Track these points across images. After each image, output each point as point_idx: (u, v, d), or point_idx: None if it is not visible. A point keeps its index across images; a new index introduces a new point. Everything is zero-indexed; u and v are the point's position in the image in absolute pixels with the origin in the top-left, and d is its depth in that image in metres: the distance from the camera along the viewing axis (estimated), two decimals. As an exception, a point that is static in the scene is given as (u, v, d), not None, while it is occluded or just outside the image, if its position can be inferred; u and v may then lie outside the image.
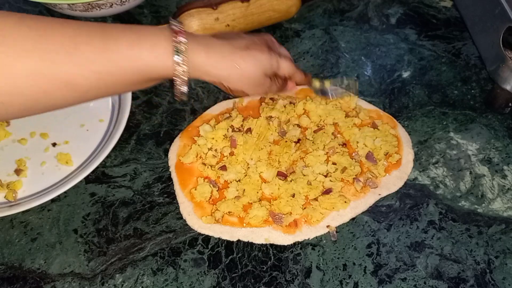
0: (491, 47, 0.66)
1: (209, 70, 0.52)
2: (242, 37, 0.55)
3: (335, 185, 0.58)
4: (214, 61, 0.51)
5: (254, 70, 0.54)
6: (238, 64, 0.53)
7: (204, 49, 0.51)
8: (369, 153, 0.61)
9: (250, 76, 0.54)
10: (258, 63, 0.54)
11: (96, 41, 0.45)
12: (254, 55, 0.54)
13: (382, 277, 0.53)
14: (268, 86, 0.57)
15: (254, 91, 0.57)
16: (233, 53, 0.52)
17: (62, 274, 0.53)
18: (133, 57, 0.46)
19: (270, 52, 0.55)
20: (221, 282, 0.53)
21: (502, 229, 0.56)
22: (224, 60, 0.52)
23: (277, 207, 0.56)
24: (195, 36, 0.51)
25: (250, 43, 0.54)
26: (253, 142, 0.61)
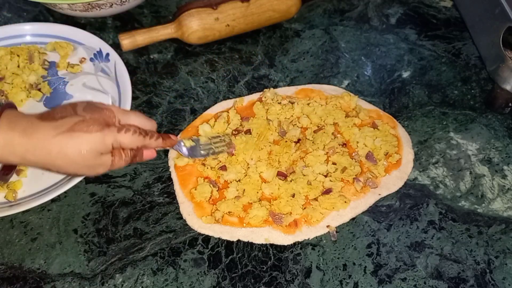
0: (491, 47, 0.66)
1: (27, 157, 0.47)
2: (72, 114, 0.49)
3: (335, 185, 0.58)
4: (32, 147, 0.47)
5: (79, 153, 0.48)
6: (61, 149, 0.47)
7: (23, 135, 0.47)
8: (369, 153, 0.61)
9: (76, 160, 0.48)
10: (85, 145, 0.48)
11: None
12: (79, 137, 0.48)
13: (382, 277, 0.53)
14: (109, 164, 0.51)
15: (91, 172, 0.51)
16: (55, 137, 0.47)
17: (62, 274, 0.53)
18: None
19: (103, 129, 0.49)
20: (221, 282, 0.53)
21: (502, 229, 0.56)
22: (45, 147, 0.47)
23: (277, 207, 0.56)
24: (16, 119, 0.48)
25: (77, 123, 0.48)
26: (253, 142, 0.61)
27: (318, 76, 0.71)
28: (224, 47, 0.75)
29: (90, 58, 0.71)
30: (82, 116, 0.49)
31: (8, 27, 0.73)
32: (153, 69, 0.73)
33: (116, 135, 0.49)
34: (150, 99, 0.69)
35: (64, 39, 0.72)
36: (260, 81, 0.71)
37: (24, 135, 0.47)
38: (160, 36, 0.73)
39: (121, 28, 0.78)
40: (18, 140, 0.47)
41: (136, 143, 0.51)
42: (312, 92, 0.68)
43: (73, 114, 0.49)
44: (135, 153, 0.53)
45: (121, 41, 0.71)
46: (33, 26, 0.73)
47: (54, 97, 0.69)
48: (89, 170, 0.50)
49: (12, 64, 0.69)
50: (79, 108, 0.50)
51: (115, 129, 0.50)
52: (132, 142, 0.51)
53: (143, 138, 0.52)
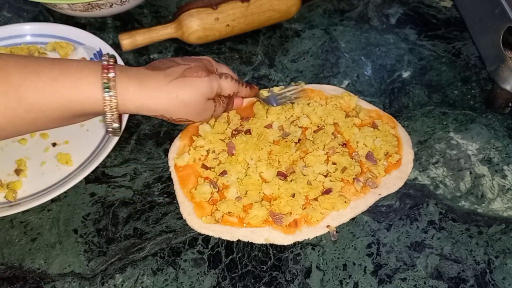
0: (491, 47, 0.66)
1: (144, 104, 0.50)
2: (177, 64, 0.53)
3: (335, 185, 0.58)
4: (148, 95, 0.49)
5: (194, 97, 0.51)
6: (177, 93, 0.50)
7: (136, 83, 0.49)
8: (369, 153, 0.61)
9: (191, 104, 0.52)
10: (197, 90, 0.51)
11: (14, 77, 0.43)
12: (191, 82, 0.51)
13: (382, 277, 0.53)
14: (213, 110, 0.55)
15: (199, 117, 0.55)
16: (169, 83, 0.50)
17: (62, 274, 0.53)
18: (54, 93, 0.45)
19: (209, 75, 0.53)
20: (221, 282, 0.53)
21: (502, 229, 0.56)
22: (160, 92, 0.50)
23: (277, 207, 0.56)
24: (126, 70, 0.49)
25: (186, 70, 0.52)
26: (253, 142, 0.61)
27: (318, 76, 0.71)
28: (224, 47, 0.75)
29: (90, 58, 0.71)
30: (187, 64, 0.53)
31: (8, 27, 0.73)
32: (153, 69, 0.73)
33: (218, 81, 0.54)
34: (150, 99, 0.69)
35: (64, 39, 0.72)
36: (260, 81, 0.71)
37: (139, 83, 0.49)
38: (160, 36, 0.73)
39: (121, 28, 0.78)
40: (134, 88, 0.49)
41: (233, 89, 0.56)
42: (312, 92, 0.68)
43: (177, 63, 0.53)
44: (228, 101, 0.58)
45: (121, 41, 0.71)
46: (33, 26, 0.73)
47: (54, 97, 0.69)
48: (198, 115, 0.54)
49: (12, 64, 0.69)
50: (178, 59, 0.54)
51: (216, 75, 0.54)
52: (230, 87, 0.56)
53: (239, 85, 0.58)
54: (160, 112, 0.51)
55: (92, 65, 0.48)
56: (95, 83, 0.47)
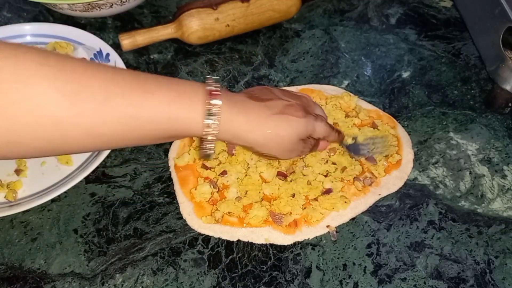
0: (491, 47, 0.66)
1: (241, 135, 0.48)
2: (277, 97, 0.51)
3: (335, 185, 0.58)
4: (247, 126, 0.48)
5: (289, 136, 0.50)
6: (273, 130, 0.49)
7: (237, 113, 0.47)
8: (369, 153, 0.61)
9: (284, 142, 0.51)
10: (294, 129, 0.50)
11: (133, 95, 0.41)
12: (290, 120, 0.50)
13: (382, 277, 0.53)
14: (301, 150, 0.54)
15: (287, 156, 0.54)
16: (269, 117, 0.49)
17: (62, 274, 0.53)
18: (168, 115, 0.43)
19: (306, 116, 0.51)
20: (221, 282, 0.53)
21: (502, 229, 0.56)
22: (258, 125, 0.48)
23: (277, 207, 0.56)
24: (230, 98, 0.48)
25: (286, 106, 0.50)
26: (253, 142, 0.61)
27: (318, 76, 0.71)
28: (224, 47, 0.75)
29: (90, 58, 0.71)
30: (287, 100, 0.51)
31: (8, 27, 0.73)
32: (153, 69, 0.73)
33: (314, 123, 0.52)
34: (150, 99, 0.69)
35: (64, 39, 0.72)
36: (260, 81, 0.71)
37: (241, 113, 0.48)
38: (160, 36, 0.73)
39: (121, 28, 0.78)
40: (236, 119, 0.47)
41: (325, 132, 0.54)
42: (312, 92, 0.68)
43: (277, 97, 0.51)
44: (316, 142, 0.56)
45: (121, 41, 0.71)
46: (33, 26, 0.73)
47: (54, 97, 0.69)
48: (287, 153, 0.53)
49: (12, 64, 0.69)
50: (278, 92, 0.52)
51: (312, 117, 0.52)
52: (323, 132, 0.54)
53: (331, 129, 0.55)
54: (252, 144, 0.50)
55: (201, 91, 0.46)
56: (196, 106, 0.45)
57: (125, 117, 0.42)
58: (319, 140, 0.56)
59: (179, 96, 0.44)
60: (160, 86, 0.44)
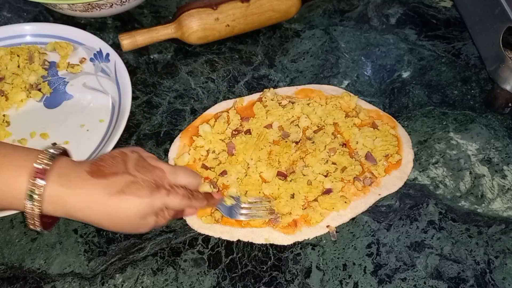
0: (491, 47, 0.66)
1: (75, 215, 0.47)
2: (124, 171, 0.48)
3: (335, 185, 0.58)
4: (82, 207, 0.46)
5: (127, 217, 0.47)
6: (109, 211, 0.46)
7: (72, 194, 0.45)
8: (368, 153, 0.61)
9: (124, 221, 0.48)
10: (134, 210, 0.47)
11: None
12: (129, 201, 0.46)
13: (382, 277, 0.53)
14: (152, 224, 0.50)
15: (141, 230, 0.51)
16: (106, 198, 0.46)
17: (62, 274, 0.53)
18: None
19: (153, 194, 0.47)
20: (221, 282, 0.53)
21: (502, 229, 0.56)
22: (94, 207, 0.46)
23: (276, 207, 0.56)
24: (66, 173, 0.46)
25: (129, 184, 0.47)
26: (253, 142, 0.61)
27: (318, 76, 0.71)
28: (224, 47, 0.75)
29: (90, 58, 0.71)
30: (133, 175, 0.47)
31: (8, 27, 0.73)
32: (153, 69, 0.73)
33: (165, 199, 0.48)
34: (150, 99, 0.69)
35: (64, 39, 0.72)
36: (260, 81, 0.71)
37: (74, 193, 0.45)
38: (160, 36, 0.73)
39: (121, 28, 0.78)
40: (67, 198, 0.45)
41: (182, 205, 0.50)
42: (312, 92, 0.68)
43: (124, 171, 0.48)
44: (177, 212, 0.52)
45: (121, 41, 0.71)
46: (33, 26, 0.73)
47: (54, 97, 0.69)
48: (132, 230, 0.51)
49: (12, 64, 0.69)
50: (130, 163, 0.48)
51: (164, 192, 0.48)
52: (179, 205, 0.50)
53: (190, 200, 0.51)
54: (89, 222, 0.48)
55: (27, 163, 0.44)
56: (22, 186, 0.44)
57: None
58: (181, 210, 0.53)
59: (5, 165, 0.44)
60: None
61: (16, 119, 0.66)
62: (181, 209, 0.53)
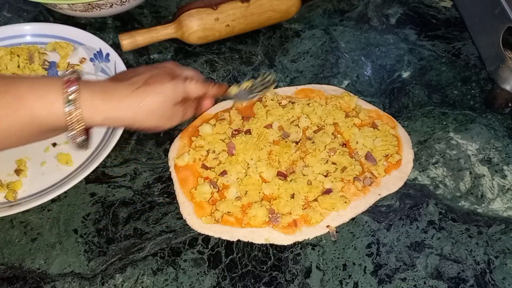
0: (491, 47, 0.66)
1: (110, 116, 0.50)
2: (139, 73, 0.53)
3: (335, 185, 0.58)
4: (113, 106, 0.49)
5: (159, 104, 0.51)
6: (141, 102, 0.50)
7: (99, 96, 0.49)
8: (368, 153, 0.61)
9: (157, 111, 0.52)
10: (161, 96, 0.51)
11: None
12: (154, 89, 0.51)
13: (382, 277, 0.53)
14: (181, 114, 0.55)
15: (168, 123, 0.55)
16: (132, 92, 0.50)
17: (62, 274, 0.53)
18: (19, 110, 0.45)
19: (173, 80, 0.53)
20: (221, 282, 0.53)
21: (502, 229, 0.56)
22: (125, 102, 0.50)
23: (276, 207, 0.56)
24: (90, 84, 0.50)
25: (148, 78, 0.52)
26: (253, 142, 0.61)
27: (318, 76, 0.71)
28: (224, 47, 0.75)
29: (90, 58, 0.71)
30: (150, 72, 0.53)
31: (8, 27, 0.73)
32: (153, 69, 0.72)
33: (183, 84, 0.54)
34: (150, 99, 0.69)
35: (64, 39, 0.72)
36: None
37: (103, 95, 0.49)
38: (160, 36, 0.73)
39: (121, 28, 0.78)
40: (99, 101, 0.49)
41: (199, 91, 0.56)
42: (312, 92, 0.68)
43: (140, 73, 0.53)
44: (197, 104, 0.58)
45: (121, 41, 0.71)
46: (33, 26, 0.73)
47: (54, 97, 0.69)
48: (167, 121, 0.54)
49: (12, 64, 0.69)
50: (141, 69, 0.54)
51: (181, 79, 0.54)
52: (196, 90, 0.56)
53: (206, 86, 0.57)
54: (127, 122, 0.51)
55: (56, 81, 0.48)
56: (57, 98, 0.47)
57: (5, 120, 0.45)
58: (200, 100, 0.58)
59: (32, 88, 0.47)
60: (14, 82, 0.47)
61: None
62: (200, 96, 0.57)
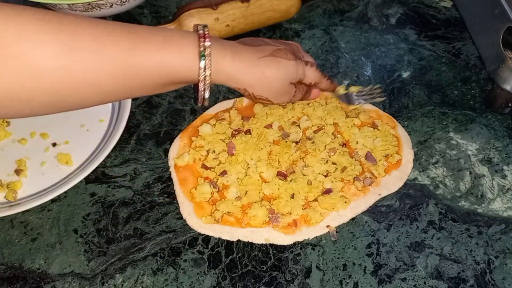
0: (491, 47, 0.66)
1: (233, 76, 0.51)
2: (267, 43, 0.54)
3: (335, 185, 0.58)
4: (239, 67, 0.51)
5: (280, 77, 0.53)
6: (264, 71, 0.52)
7: (229, 55, 0.50)
8: (368, 153, 0.61)
9: (275, 84, 0.53)
10: (284, 71, 0.53)
11: (124, 41, 0.44)
12: (280, 62, 0.53)
13: (382, 277, 0.53)
14: (292, 94, 0.57)
15: (279, 99, 0.56)
16: (259, 59, 0.52)
17: (62, 274, 0.53)
18: (160, 60, 0.46)
19: (297, 59, 0.54)
20: (221, 282, 0.53)
21: (502, 229, 0.56)
22: (250, 67, 0.51)
23: (276, 207, 0.56)
24: (221, 41, 0.51)
25: (276, 50, 0.53)
26: (253, 142, 0.61)
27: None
28: (224, 47, 0.75)
29: (90, 58, 0.71)
30: (277, 45, 0.54)
31: (8, 27, 0.73)
32: (153, 69, 0.72)
33: (304, 67, 0.55)
34: (150, 99, 0.69)
35: (64, 39, 0.72)
36: (260, 81, 0.71)
37: (233, 55, 0.50)
38: (160, 36, 0.73)
39: (121, 28, 0.78)
40: (228, 59, 0.50)
41: (316, 78, 0.57)
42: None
43: (268, 43, 0.54)
44: (308, 89, 0.59)
45: (121, 41, 0.71)
46: (33, 26, 0.73)
47: (54, 97, 0.69)
48: (279, 96, 0.56)
49: (12, 64, 0.69)
50: (268, 40, 0.56)
51: (303, 62, 0.55)
52: (314, 76, 0.57)
53: (322, 75, 0.58)
54: (245, 86, 0.53)
55: (191, 35, 0.49)
56: (194, 52, 0.48)
57: (119, 64, 0.44)
58: (311, 87, 0.59)
59: (169, 41, 0.47)
60: (151, 33, 0.46)
61: (16, 119, 0.66)
62: (314, 84, 0.58)
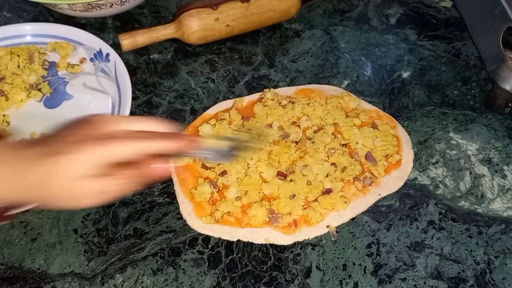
0: (491, 47, 0.66)
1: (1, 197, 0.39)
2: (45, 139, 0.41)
3: (335, 185, 0.58)
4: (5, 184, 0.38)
5: (62, 181, 0.37)
6: (39, 180, 0.37)
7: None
8: (368, 153, 0.61)
9: (62, 191, 0.38)
10: (67, 170, 0.37)
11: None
12: (56, 162, 0.37)
13: (382, 277, 0.53)
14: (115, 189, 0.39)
15: (89, 202, 0.40)
16: (28, 169, 0.37)
17: (62, 274, 0.53)
18: None
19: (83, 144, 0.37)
20: (221, 282, 0.53)
21: (502, 229, 0.56)
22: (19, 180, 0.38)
23: (276, 207, 0.56)
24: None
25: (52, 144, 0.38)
26: (253, 142, 0.61)
27: (318, 76, 0.71)
28: (224, 47, 0.75)
29: (90, 58, 0.71)
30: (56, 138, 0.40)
31: (8, 27, 0.73)
32: (153, 69, 0.73)
33: (102, 148, 0.38)
34: (150, 99, 0.69)
35: (64, 39, 0.72)
36: (260, 81, 0.71)
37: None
38: (160, 36, 0.73)
39: (121, 28, 0.78)
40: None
41: (131, 151, 0.38)
42: (312, 92, 0.68)
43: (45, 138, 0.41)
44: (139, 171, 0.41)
45: (121, 41, 0.71)
46: (33, 26, 0.73)
47: (54, 97, 0.69)
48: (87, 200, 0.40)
49: (12, 64, 0.69)
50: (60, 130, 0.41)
51: (99, 141, 0.38)
52: (127, 149, 0.38)
53: (141, 141, 0.39)
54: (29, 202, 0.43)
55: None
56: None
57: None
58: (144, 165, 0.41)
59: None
60: None
61: (16, 119, 0.66)
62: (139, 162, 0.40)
